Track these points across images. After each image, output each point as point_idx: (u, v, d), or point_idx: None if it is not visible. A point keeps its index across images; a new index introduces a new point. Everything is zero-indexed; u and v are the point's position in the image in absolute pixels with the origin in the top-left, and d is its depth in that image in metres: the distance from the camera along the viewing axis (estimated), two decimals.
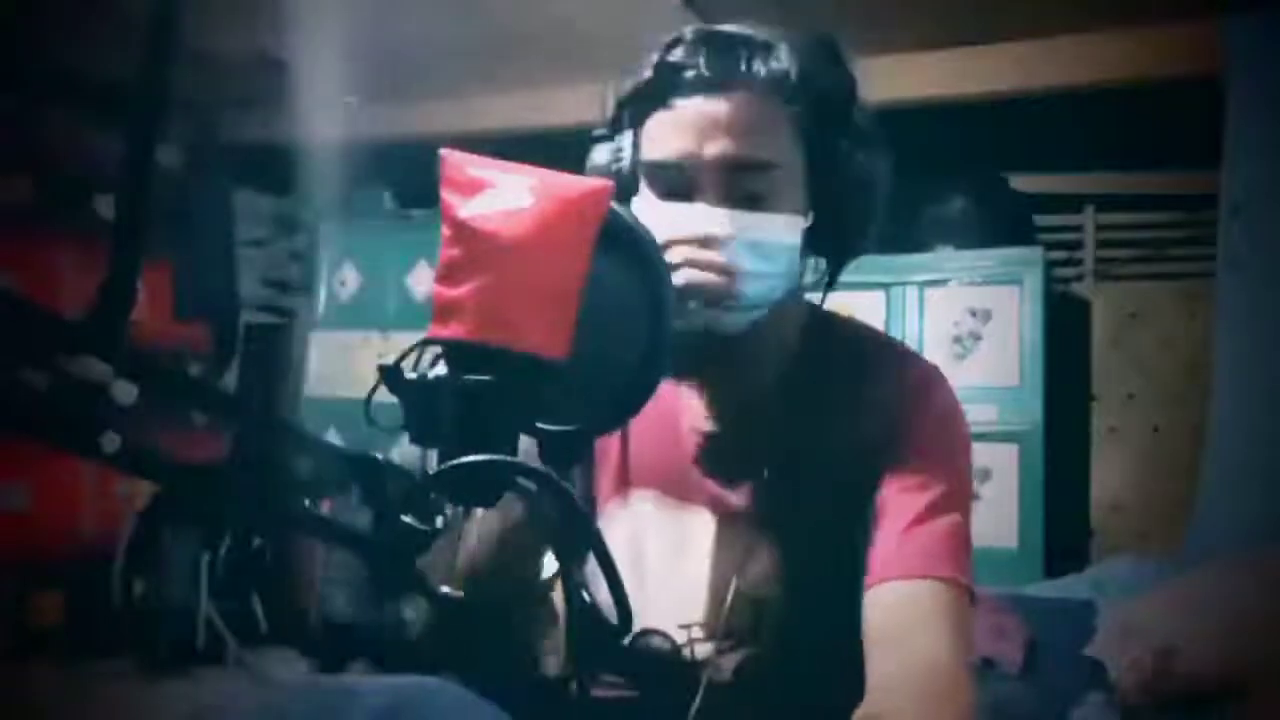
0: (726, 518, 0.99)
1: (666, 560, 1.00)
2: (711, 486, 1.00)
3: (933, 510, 0.90)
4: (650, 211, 0.93)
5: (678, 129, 0.92)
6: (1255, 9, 2.40)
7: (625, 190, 0.95)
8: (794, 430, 0.97)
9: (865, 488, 0.93)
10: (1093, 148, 2.99)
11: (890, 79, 2.70)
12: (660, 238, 0.87)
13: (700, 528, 1.00)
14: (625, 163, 0.97)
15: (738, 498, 0.99)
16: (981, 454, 2.78)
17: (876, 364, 1.00)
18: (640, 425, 0.72)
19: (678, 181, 0.92)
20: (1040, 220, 3.19)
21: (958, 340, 2.90)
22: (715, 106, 0.91)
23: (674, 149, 0.92)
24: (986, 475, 2.79)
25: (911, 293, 2.95)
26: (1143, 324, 2.98)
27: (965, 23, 2.59)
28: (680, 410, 1.03)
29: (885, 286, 2.96)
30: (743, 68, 0.91)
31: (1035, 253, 2.90)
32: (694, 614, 0.98)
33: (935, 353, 2.89)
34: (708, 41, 0.92)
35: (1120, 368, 2.99)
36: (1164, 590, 2.07)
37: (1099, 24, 2.56)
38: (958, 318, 2.91)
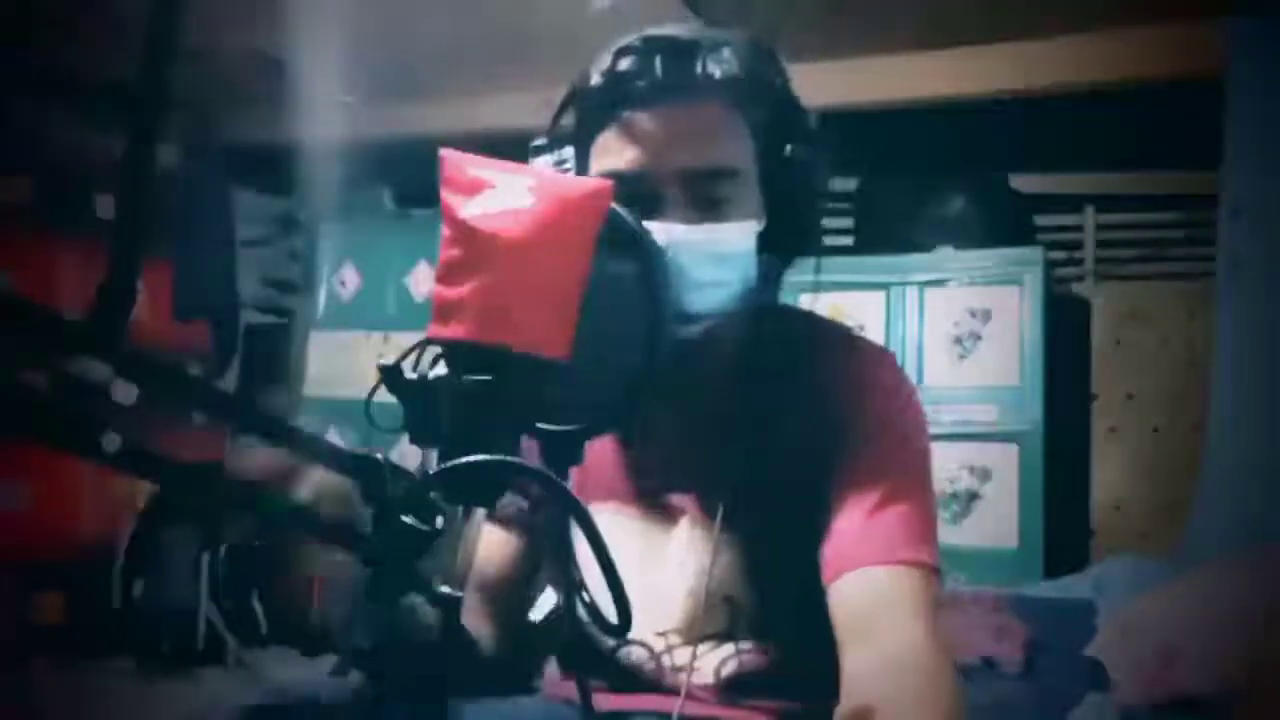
0: (689, 522, 0.99)
1: (633, 570, 0.98)
2: (671, 491, 1.00)
3: (891, 494, 0.90)
4: None
5: (635, 139, 0.90)
6: (1255, 9, 2.40)
7: None
8: (750, 428, 0.97)
9: (824, 478, 0.93)
10: (1093, 148, 2.99)
11: (890, 79, 2.70)
12: None
13: (663, 535, 1.00)
14: (570, 174, 0.95)
15: (699, 501, 0.98)
16: (981, 454, 2.79)
17: (825, 353, 1.00)
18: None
19: (635, 193, 0.89)
20: (1040, 220, 3.19)
21: (958, 340, 2.90)
22: (674, 115, 0.90)
23: (632, 159, 0.90)
24: (986, 475, 2.80)
25: (911, 293, 2.95)
26: (1143, 324, 2.98)
27: (965, 23, 2.58)
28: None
29: (885, 286, 2.96)
30: (698, 71, 0.90)
31: (1035, 253, 2.90)
32: (667, 621, 0.98)
33: (935, 353, 2.89)
34: (659, 49, 0.91)
35: (1120, 368, 2.99)
36: (1164, 590, 2.07)
37: (1099, 24, 2.56)
38: (958, 318, 2.91)
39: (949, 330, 2.91)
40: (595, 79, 0.92)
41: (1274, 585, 1.87)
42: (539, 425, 0.66)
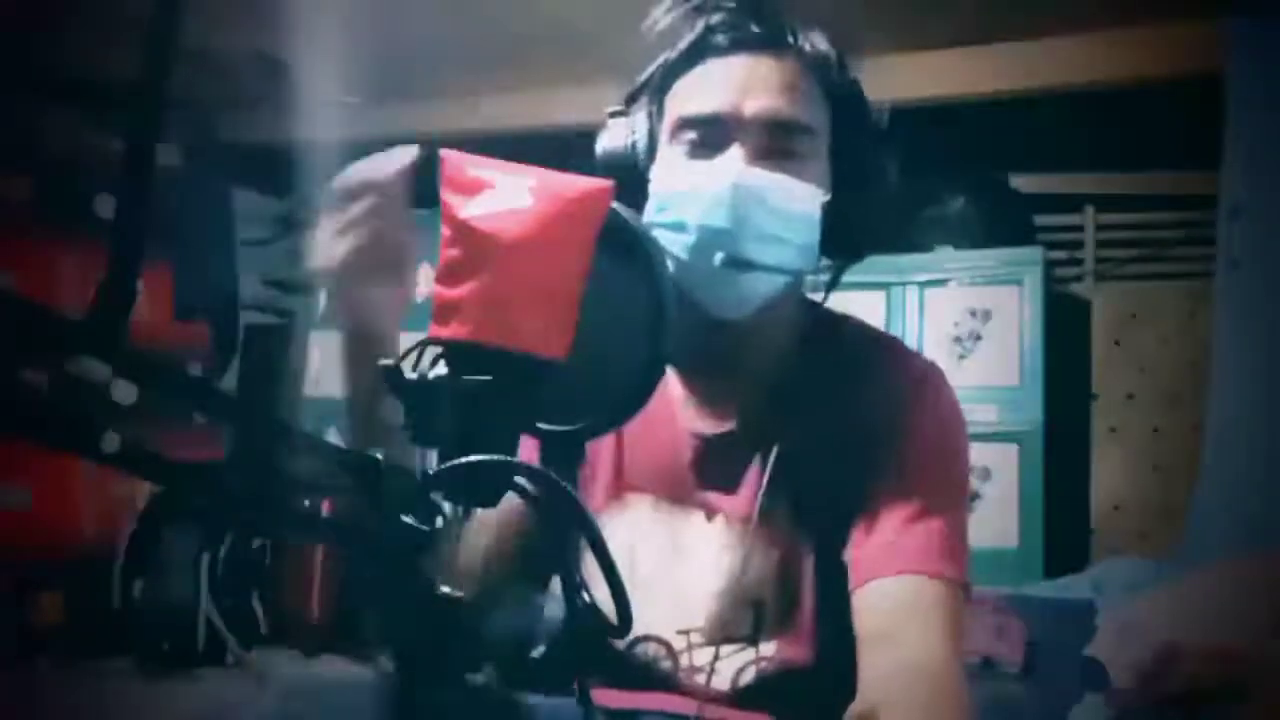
0: (724, 520, 0.98)
1: (663, 565, 0.98)
2: (709, 489, 0.99)
3: (927, 507, 0.89)
4: (675, 171, 0.93)
5: (719, 83, 0.92)
6: (1255, 9, 2.40)
7: (643, 165, 0.96)
8: (792, 430, 0.96)
9: (862, 486, 0.92)
10: (1093, 148, 2.99)
11: (890, 79, 2.69)
12: (686, 193, 0.89)
13: (697, 531, 0.99)
14: (642, 135, 0.96)
15: (735, 500, 0.97)
16: (981, 454, 2.79)
17: (876, 362, 0.99)
18: (635, 427, 0.72)
19: (710, 136, 0.91)
20: (1040, 220, 3.19)
21: (958, 340, 2.90)
22: (757, 63, 0.91)
23: (713, 102, 0.91)
24: (986, 475, 2.79)
25: (911, 293, 2.95)
26: (1143, 324, 2.98)
27: (965, 23, 2.59)
28: (676, 411, 1.01)
29: (885, 286, 2.96)
30: (789, 38, 0.93)
31: (1035, 253, 2.90)
32: (692, 619, 0.97)
33: (935, 353, 2.89)
34: (752, 7, 0.93)
35: (1120, 368, 2.99)
36: (1164, 590, 2.07)
37: (1099, 24, 2.57)
38: (958, 318, 2.91)
39: (949, 330, 2.91)
40: (689, 33, 0.94)
41: (1274, 585, 1.87)
42: (539, 425, 0.66)
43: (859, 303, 2.90)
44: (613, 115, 0.99)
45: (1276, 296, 2.39)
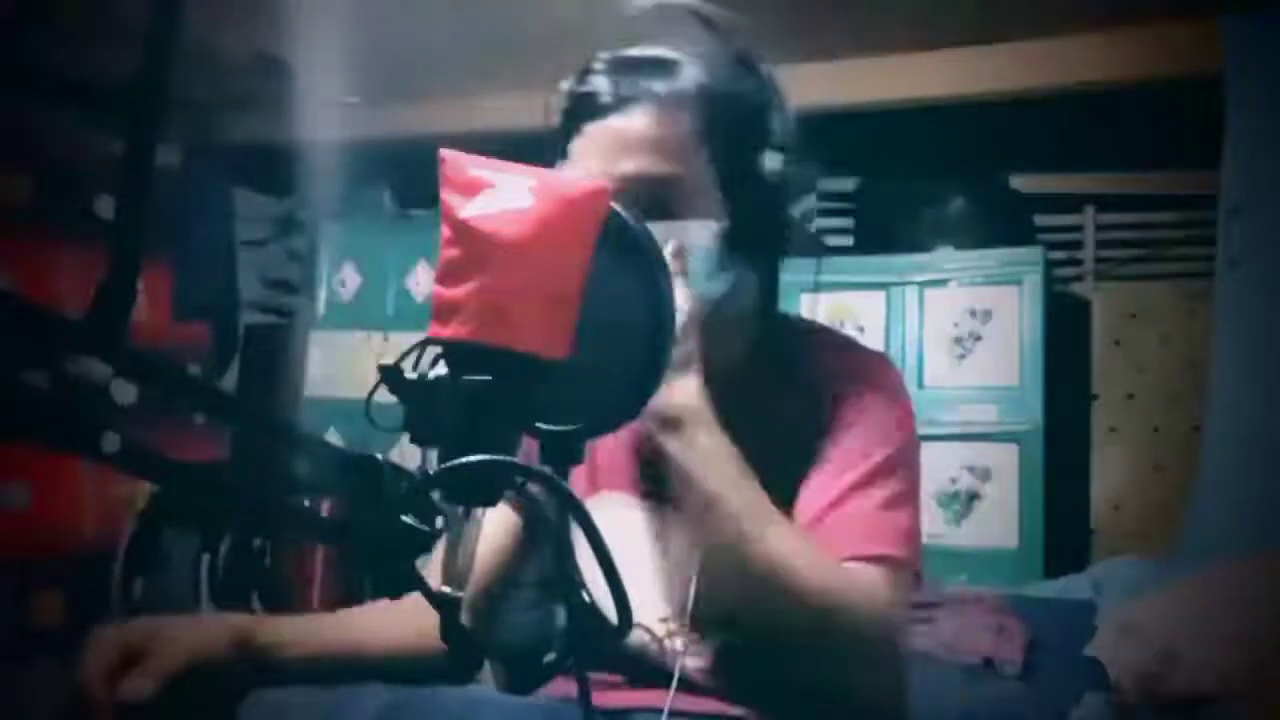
0: None
1: (641, 557, 1.03)
2: (674, 484, 1.02)
3: (869, 487, 0.95)
4: None
5: (592, 150, 0.97)
6: (1255, 9, 2.40)
7: None
8: (745, 422, 0.99)
9: (806, 469, 0.99)
10: (1093, 148, 2.99)
11: (890, 79, 2.70)
12: None
13: (668, 523, 1.03)
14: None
15: None
16: (981, 454, 2.79)
17: (820, 350, 1.06)
18: None
19: None
20: (1040, 220, 3.19)
21: (958, 340, 2.90)
22: (621, 126, 0.96)
23: (591, 170, 0.96)
24: (986, 475, 2.80)
25: (911, 293, 2.95)
26: (1143, 324, 2.98)
27: (965, 23, 2.59)
28: None
29: (885, 286, 2.96)
30: (643, 87, 0.97)
31: (1035, 253, 2.90)
32: (670, 607, 1.01)
33: (935, 353, 2.89)
34: (613, 67, 0.99)
35: (1120, 368, 2.99)
36: (1164, 590, 2.07)
37: (1099, 24, 2.56)
38: (958, 318, 2.91)
39: (949, 330, 2.91)
40: (565, 100, 1.01)
41: (1274, 586, 1.87)
42: (539, 425, 0.66)
43: (859, 303, 2.91)
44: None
45: (1276, 296, 2.38)
